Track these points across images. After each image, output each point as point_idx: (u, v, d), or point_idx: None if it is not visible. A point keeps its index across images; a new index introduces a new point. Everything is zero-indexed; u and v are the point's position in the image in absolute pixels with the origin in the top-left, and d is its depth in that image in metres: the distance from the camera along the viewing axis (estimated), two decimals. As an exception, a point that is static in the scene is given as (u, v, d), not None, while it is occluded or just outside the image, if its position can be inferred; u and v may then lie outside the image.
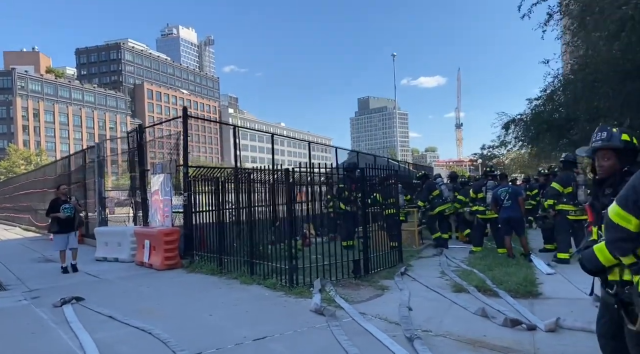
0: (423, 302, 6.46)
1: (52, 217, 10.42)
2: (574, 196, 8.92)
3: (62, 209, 10.28)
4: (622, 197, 2.42)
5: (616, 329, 2.98)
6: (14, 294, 8.30)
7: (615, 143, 2.94)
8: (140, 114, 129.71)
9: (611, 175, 2.96)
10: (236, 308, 6.59)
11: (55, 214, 10.32)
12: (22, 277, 9.99)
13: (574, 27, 15.38)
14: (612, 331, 3.01)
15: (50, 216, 10.49)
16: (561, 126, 21.46)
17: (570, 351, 4.42)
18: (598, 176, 3.01)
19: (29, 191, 27.85)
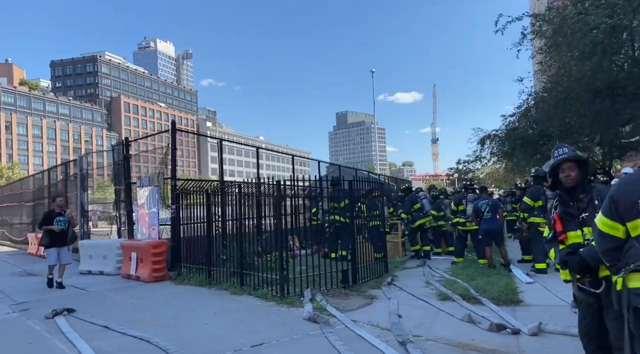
0: (411, 310, 6.72)
1: (45, 230, 10.03)
2: (544, 209, 9.36)
3: (56, 221, 9.95)
4: (606, 208, 2.71)
5: (598, 329, 3.31)
6: (1, 307, 8.27)
7: (579, 155, 3.42)
8: (117, 127, 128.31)
9: (578, 184, 3.36)
10: (230, 317, 6.75)
11: (48, 227, 9.95)
12: (6, 291, 9.92)
13: (547, 47, 16.08)
14: (594, 331, 3.34)
15: (43, 228, 10.14)
16: (535, 142, 22.23)
17: (553, 353, 4.72)
18: (567, 185, 3.39)
19: (3, 204, 27.37)
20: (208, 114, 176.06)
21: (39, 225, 10.43)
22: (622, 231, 2.65)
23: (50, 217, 10.13)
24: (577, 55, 14.02)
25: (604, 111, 15.55)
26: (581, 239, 3.28)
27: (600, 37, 12.93)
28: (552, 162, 3.46)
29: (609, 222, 2.69)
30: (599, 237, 2.79)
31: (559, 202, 3.51)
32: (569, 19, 14.79)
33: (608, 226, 2.69)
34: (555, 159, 3.43)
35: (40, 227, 10.36)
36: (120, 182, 14.07)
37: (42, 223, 10.19)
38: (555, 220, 3.41)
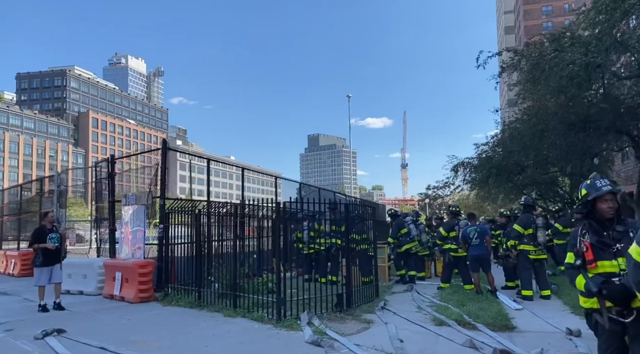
0: (410, 335, 6.80)
1: (37, 248, 9.33)
2: (534, 237, 9.68)
3: (49, 239, 9.36)
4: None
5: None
6: (-17, 327, 7.93)
7: (618, 188, 3.59)
8: (84, 143, 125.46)
9: (615, 215, 3.53)
10: (230, 340, 6.67)
11: (43, 245, 9.30)
12: (-18, 311, 9.53)
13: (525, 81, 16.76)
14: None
15: (35, 246, 9.38)
16: (509, 171, 22.92)
17: (559, 378, 4.87)
18: (608, 215, 3.54)
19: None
20: (178, 132, 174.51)
21: (30, 244, 9.71)
22: None
23: (42, 234, 9.51)
24: (554, 88, 14.64)
25: (577, 144, 16.22)
26: (617, 269, 3.41)
27: (577, 71, 13.60)
28: (598, 193, 3.58)
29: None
30: (634, 268, 2.91)
31: (589, 231, 3.63)
32: (546, 55, 15.51)
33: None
34: (600, 189, 3.57)
35: (30, 246, 9.66)
36: (101, 199, 13.82)
37: (33, 241, 9.52)
38: (588, 248, 3.54)
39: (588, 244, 3.56)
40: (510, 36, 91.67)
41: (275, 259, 8.27)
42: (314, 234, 12.43)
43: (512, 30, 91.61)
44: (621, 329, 3.38)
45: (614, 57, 15.15)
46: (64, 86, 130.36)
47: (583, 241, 3.61)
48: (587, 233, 3.63)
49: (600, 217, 3.59)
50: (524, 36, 70.40)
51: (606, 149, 19.66)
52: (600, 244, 3.52)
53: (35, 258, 9.44)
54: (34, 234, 9.70)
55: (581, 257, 3.56)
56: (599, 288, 3.36)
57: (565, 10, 70.43)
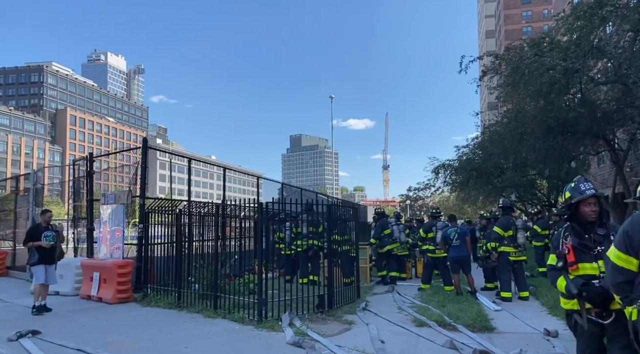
0: (391, 336, 6.81)
1: (32, 246, 9.05)
2: (514, 238, 9.80)
3: (44, 237, 9.09)
4: (620, 242, 2.90)
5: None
6: (-46, 329, 7.71)
7: (601, 192, 3.65)
8: (61, 141, 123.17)
9: (597, 219, 3.58)
10: (210, 341, 6.60)
11: (37, 243, 9.02)
12: (-48, 311, 9.28)
13: (506, 85, 16.99)
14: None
15: (30, 245, 9.09)
16: (489, 173, 23.22)
17: (538, 378, 4.92)
18: (591, 218, 3.59)
19: None
20: (159, 130, 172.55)
21: (24, 241, 9.35)
22: (635, 265, 2.84)
23: (37, 232, 9.23)
24: (534, 93, 14.87)
25: (556, 147, 16.51)
26: (597, 271, 3.47)
27: (557, 77, 13.84)
28: (581, 196, 3.62)
29: (623, 256, 2.89)
30: (612, 270, 2.97)
31: (571, 234, 3.68)
32: (526, 59, 15.75)
33: (622, 259, 2.89)
34: (584, 193, 3.61)
35: (25, 244, 9.34)
36: (79, 198, 13.57)
37: (27, 239, 9.21)
38: (569, 250, 3.58)
39: (570, 247, 3.62)
40: (491, 40, 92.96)
41: (257, 260, 8.20)
42: (294, 235, 12.40)
43: (493, 34, 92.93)
44: (600, 330, 3.44)
45: (591, 63, 15.46)
46: (41, 82, 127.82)
47: (565, 243, 3.66)
48: (569, 235, 3.68)
49: (583, 220, 3.64)
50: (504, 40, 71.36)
51: (583, 153, 20.05)
52: (581, 246, 3.57)
53: (30, 257, 9.14)
54: (28, 232, 9.44)
55: (563, 259, 3.62)
56: (579, 289, 3.42)
57: (545, 16, 71.77)
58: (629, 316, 2.88)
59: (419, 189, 67.41)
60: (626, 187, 17.06)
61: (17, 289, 12.62)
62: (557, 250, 3.75)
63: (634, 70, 13.90)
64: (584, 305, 3.46)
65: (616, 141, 18.63)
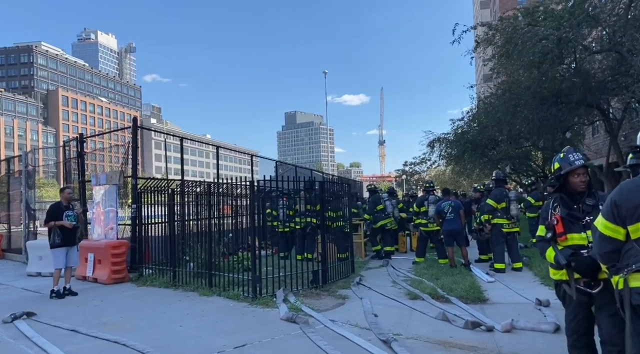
0: (385, 309, 6.86)
1: (54, 226, 8.65)
2: (507, 210, 9.82)
3: (66, 216, 8.73)
4: (607, 212, 2.88)
5: (588, 325, 3.54)
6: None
7: (590, 162, 3.60)
8: (54, 122, 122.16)
9: (586, 189, 3.56)
10: (205, 319, 6.64)
11: (60, 222, 8.63)
12: (-51, 294, 9.30)
13: (499, 56, 16.79)
14: (584, 328, 3.56)
15: (51, 224, 8.67)
16: (484, 146, 23.19)
17: (529, 349, 4.96)
18: (580, 189, 3.56)
19: None
20: (152, 110, 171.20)
21: (45, 221, 8.87)
22: (622, 234, 2.83)
23: (59, 211, 8.74)
24: (527, 63, 14.72)
25: (550, 118, 16.43)
26: (585, 241, 3.45)
27: (550, 47, 13.68)
28: (570, 167, 3.57)
29: (610, 226, 2.87)
30: (599, 240, 2.96)
31: (560, 204, 3.65)
32: (520, 29, 15.54)
33: (610, 229, 2.87)
34: (573, 163, 3.56)
35: (46, 224, 8.84)
36: (71, 179, 13.50)
37: (49, 218, 8.73)
38: (558, 221, 3.56)
39: (559, 217, 3.60)
40: (486, 11, 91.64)
41: (251, 238, 8.21)
42: (291, 212, 12.38)
43: (488, 5, 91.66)
44: (588, 299, 3.45)
45: (585, 31, 15.27)
46: (31, 63, 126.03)
47: (554, 213, 3.63)
48: (558, 206, 3.66)
49: (572, 190, 3.62)
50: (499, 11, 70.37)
51: (577, 124, 20.00)
52: (570, 217, 3.55)
53: (52, 238, 8.68)
54: (49, 211, 8.84)
55: (552, 230, 3.60)
56: (568, 260, 3.42)
57: (540, -15, 70.69)
58: (615, 285, 2.88)
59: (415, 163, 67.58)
60: (620, 157, 17.09)
61: (14, 271, 12.65)
62: (545, 221, 3.73)
63: (628, 38, 13.73)
64: (573, 275, 3.46)
65: (610, 110, 18.58)
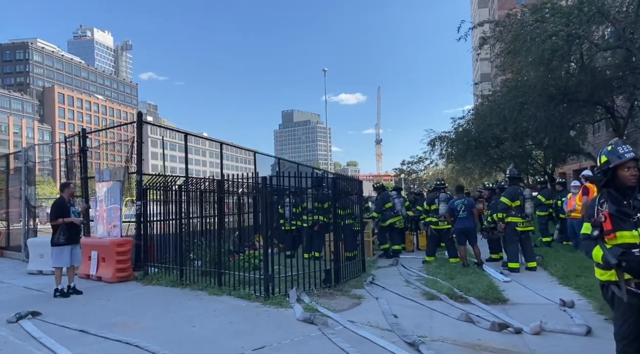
0: (403, 309, 6.64)
1: (60, 224, 8.25)
2: (521, 208, 9.61)
3: (72, 212, 8.46)
4: None
5: (639, 331, 3.30)
6: (-50, 311, 7.47)
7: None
8: (50, 119, 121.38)
9: (637, 183, 3.34)
10: (218, 319, 6.41)
11: (68, 219, 8.29)
12: (-51, 293, 9.03)
13: (506, 53, 16.62)
14: (635, 333, 3.32)
15: (58, 221, 8.24)
16: (488, 144, 23.02)
17: (563, 352, 4.76)
18: (631, 183, 3.33)
19: None
20: (149, 108, 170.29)
21: (53, 218, 8.35)
22: None
23: (65, 207, 8.37)
24: (535, 60, 14.55)
25: (557, 116, 16.28)
26: (637, 239, 3.20)
27: (560, 44, 13.51)
28: (620, 160, 3.37)
29: None
30: None
31: (607, 200, 3.42)
32: (527, 26, 15.37)
33: None
34: (623, 156, 3.35)
35: (53, 221, 8.34)
36: (72, 176, 13.21)
37: (56, 215, 8.29)
38: (606, 217, 3.34)
39: (607, 214, 3.36)
40: (484, 10, 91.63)
41: (261, 236, 7.98)
42: (297, 210, 12.15)
43: (486, 4, 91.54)
44: (638, 302, 3.23)
45: (593, 28, 15.11)
46: (27, 60, 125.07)
47: (601, 210, 3.40)
48: (605, 202, 3.42)
49: (621, 185, 3.39)
50: (497, 9, 70.35)
51: (583, 121, 19.86)
52: (619, 213, 3.32)
53: (57, 235, 8.29)
54: (57, 207, 8.41)
55: (599, 228, 3.37)
56: (618, 259, 3.18)
57: (539, -16, 70.51)
58: None
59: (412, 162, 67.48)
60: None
61: (13, 269, 12.39)
62: (591, 218, 3.49)
63: (639, 34, 13.60)
64: (623, 276, 3.23)
65: (616, 108, 18.44)
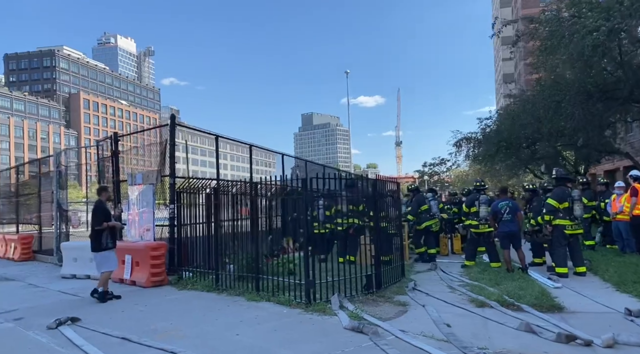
0: (454, 318, 6.30)
1: (104, 228, 8.19)
2: (570, 210, 9.15)
3: (113, 217, 8.55)
4: None
5: None
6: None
7: None
8: (76, 125, 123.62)
9: None
10: (261, 327, 6.16)
11: (112, 223, 8.31)
12: (-14, 297, 8.99)
13: (542, 49, 16.07)
14: None
15: (103, 226, 8.16)
16: (519, 145, 22.38)
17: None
18: None
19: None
20: (171, 112, 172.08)
21: (98, 222, 8.19)
22: None
23: (107, 211, 8.38)
24: (575, 56, 13.99)
25: (596, 114, 15.69)
26: None
27: (601, 39, 12.98)
28: None
29: None
30: None
31: None
32: (565, 22, 14.85)
33: None
34: None
35: (98, 225, 8.19)
36: (104, 180, 13.19)
37: (102, 219, 8.19)
38: None
39: None
40: (506, 9, 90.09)
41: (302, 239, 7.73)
42: (329, 213, 11.87)
43: (509, 3, 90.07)
44: None
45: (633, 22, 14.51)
46: (53, 67, 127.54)
47: None
48: None
49: None
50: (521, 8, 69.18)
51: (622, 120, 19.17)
52: None
53: (103, 240, 8.22)
54: (101, 211, 8.32)
55: None
56: None
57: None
58: None
59: (434, 164, 66.57)
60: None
61: (47, 273, 12.39)
62: None
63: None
64: None
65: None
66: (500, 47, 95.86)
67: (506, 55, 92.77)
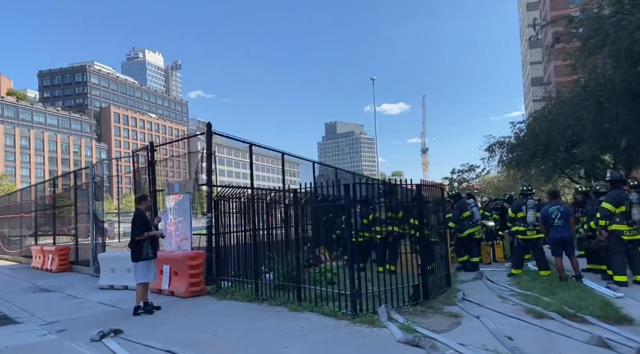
0: (514, 330, 5.89)
1: (145, 238, 8.04)
2: (627, 215, 8.61)
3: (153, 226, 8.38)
4: None
5: None
6: (33, 328, 7.35)
7: None
8: (107, 138, 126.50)
9: None
10: (309, 339, 5.89)
11: (153, 232, 8.18)
12: (29, 309, 8.98)
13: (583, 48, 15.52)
14: None
15: (144, 236, 8.00)
16: (557, 149, 21.67)
17: None
18: None
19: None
20: (198, 124, 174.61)
21: (138, 232, 8.03)
22: None
23: (148, 221, 8.22)
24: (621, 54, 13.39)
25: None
26: None
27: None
28: None
29: None
30: None
31: None
32: (607, 19, 14.30)
33: None
34: None
35: (139, 235, 8.02)
36: (140, 190, 13.18)
37: (143, 228, 8.03)
38: None
39: None
40: (534, 12, 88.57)
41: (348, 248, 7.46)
42: (365, 221, 11.57)
43: (536, 6, 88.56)
44: None
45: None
46: (85, 82, 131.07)
47: None
48: None
49: None
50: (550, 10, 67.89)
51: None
52: None
53: (144, 250, 8.04)
54: (141, 221, 8.12)
55: None
56: None
57: (595, -18, 67.52)
58: None
59: (463, 171, 65.44)
60: None
61: (84, 284, 12.41)
62: None
63: None
64: None
65: None
66: (529, 51, 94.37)
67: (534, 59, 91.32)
